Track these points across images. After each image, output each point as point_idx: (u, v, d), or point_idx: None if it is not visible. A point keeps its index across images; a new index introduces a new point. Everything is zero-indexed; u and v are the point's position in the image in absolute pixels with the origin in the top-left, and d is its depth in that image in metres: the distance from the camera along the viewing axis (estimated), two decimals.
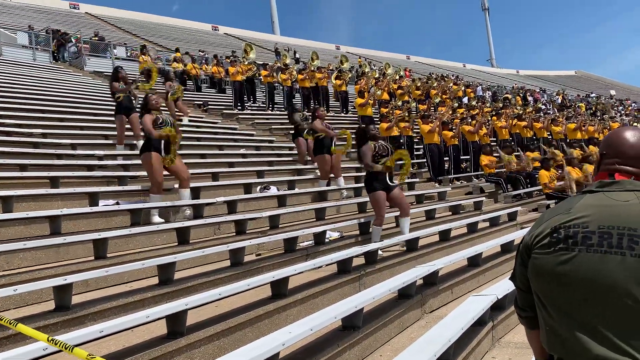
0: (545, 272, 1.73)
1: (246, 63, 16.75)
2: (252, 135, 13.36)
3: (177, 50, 23.29)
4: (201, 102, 16.26)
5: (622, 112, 28.30)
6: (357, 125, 10.27)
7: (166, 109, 12.42)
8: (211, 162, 9.72)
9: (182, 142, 10.49)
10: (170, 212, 6.78)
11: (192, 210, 6.80)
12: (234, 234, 6.51)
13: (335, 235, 7.09)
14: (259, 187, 8.61)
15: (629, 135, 1.82)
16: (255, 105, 17.24)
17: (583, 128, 16.38)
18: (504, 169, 11.78)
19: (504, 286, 4.87)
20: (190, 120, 13.07)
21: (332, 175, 9.15)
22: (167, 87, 12.73)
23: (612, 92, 41.45)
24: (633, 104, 35.15)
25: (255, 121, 14.89)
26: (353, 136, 7.71)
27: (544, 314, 1.76)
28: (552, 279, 1.70)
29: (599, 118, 21.43)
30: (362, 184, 7.76)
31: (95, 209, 6.20)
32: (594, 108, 26.42)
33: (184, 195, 6.75)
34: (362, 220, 7.28)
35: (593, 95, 39.05)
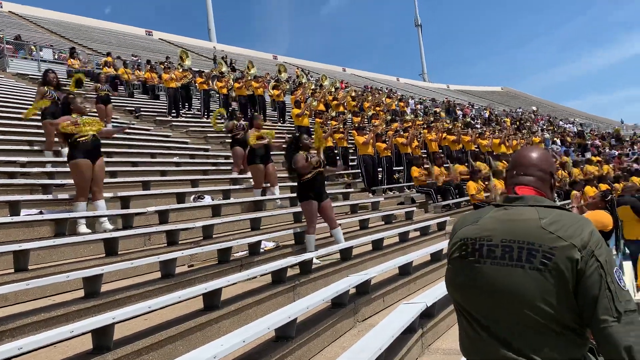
0: (458, 282, 1.86)
1: (181, 70, 16.45)
2: (186, 143, 13.11)
3: (108, 54, 22.50)
4: (133, 109, 15.78)
5: (544, 126, 30.01)
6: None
7: (95, 113, 12.03)
8: (143, 170, 9.45)
9: (112, 150, 10.23)
10: (97, 222, 6.52)
11: (118, 222, 6.56)
12: (166, 244, 6.34)
13: (271, 245, 7.07)
14: (192, 197, 8.44)
15: (527, 150, 2.03)
16: (190, 112, 16.93)
17: (507, 142, 17.27)
18: (434, 180, 12.19)
19: (433, 294, 5.05)
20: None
21: (268, 184, 9.14)
22: (93, 89, 12.40)
23: (534, 108, 43.85)
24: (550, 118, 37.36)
25: (190, 129, 14.63)
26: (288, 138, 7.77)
27: (462, 320, 1.89)
28: (465, 289, 1.83)
29: (523, 132, 22.62)
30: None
31: (16, 218, 5.86)
32: (517, 123, 27.85)
33: (100, 206, 6.42)
34: (298, 229, 7.30)
35: (519, 110, 41.19)
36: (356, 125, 13.76)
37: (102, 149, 6.67)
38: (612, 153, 23.38)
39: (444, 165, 13.31)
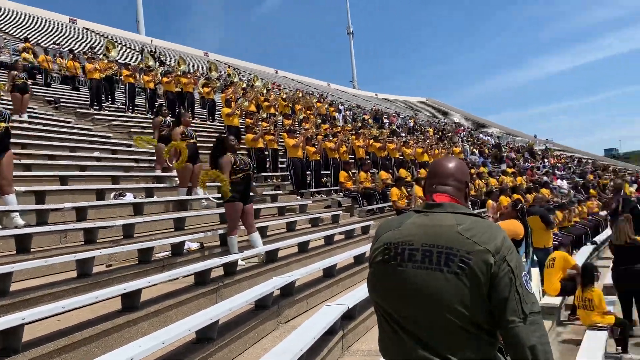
0: (379, 285, 1.93)
1: (106, 61, 15.77)
2: (108, 137, 12.58)
3: (26, 39, 21.16)
4: (52, 99, 14.95)
5: (464, 137, 31.41)
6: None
7: (9, 99, 11.32)
8: (60, 164, 8.98)
9: (27, 141, 9.64)
10: (6, 217, 6.12)
11: (32, 218, 6.20)
12: (83, 243, 6.07)
13: (195, 246, 6.94)
14: (113, 194, 8.12)
15: (444, 160, 2.14)
16: (113, 106, 16.27)
17: (430, 151, 17.95)
18: (361, 185, 12.46)
19: (355, 296, 5.17)
20: (37, 117, 11.99)
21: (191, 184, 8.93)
22: (9, 77, 11.63)
23: (456, 120, 45.88)
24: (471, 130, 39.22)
25: (113, 123, 14.05)
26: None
27: (382, 323, 1.95)
28: (386, 291, 1.90)
29: (445, 142, 23.57)
30: None
31: None
32: (440, 133, 29.00)
33: (9, 201, 6.03)
34: (224, 231, 7.23)
35: (442, 121, 42.89)
36: (287, 127, 13.79)
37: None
38: (525, 165, 24.87)
39: (370, 171, 13.63)
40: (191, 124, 9.83)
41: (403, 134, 22.90)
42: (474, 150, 25.46)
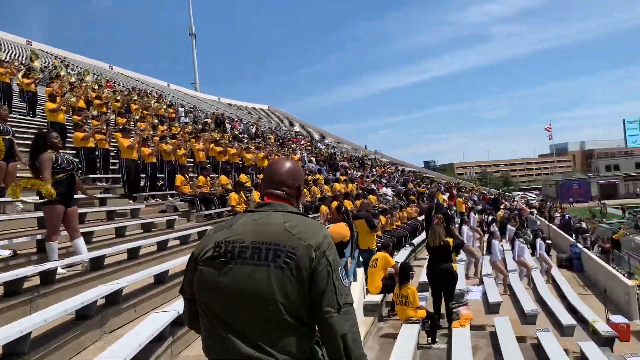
0: (207, 283, 1.96)
1: None
2: None
3: None
4: None
5: (303, 146, 32.57)
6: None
7: None
8: None
9: None
10: None
11: None
12: None
13: (6, 253, 6.23)
14: None
15: (275, 165, 2.25)
16: None
17: (270, 157, 18.31)
18: (198, 190, 12.25)
19: None
20: None
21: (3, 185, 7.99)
22: None
23: (296, 129, 47.34)
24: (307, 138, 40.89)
25: None
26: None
27: (205, 321, 1.98)
28: (213, 289, 1.94)
29: (285, 149, 24.22)
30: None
31: None
32: (281, 140, 29.74)
33: None
34: (42, 236, 6.59)
35: (283, 129, 43.95)
36: (121, 127, 13.02)
37: None
38: (356, 174, 26.62)
39: (210, 175, 13.48)
40: (7, 119, 8.80)
41: (245, 140, 23.02)
42: (312, 158, 26.55)
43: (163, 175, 12.93)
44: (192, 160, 15.08)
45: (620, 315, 10.27)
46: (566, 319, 9.44)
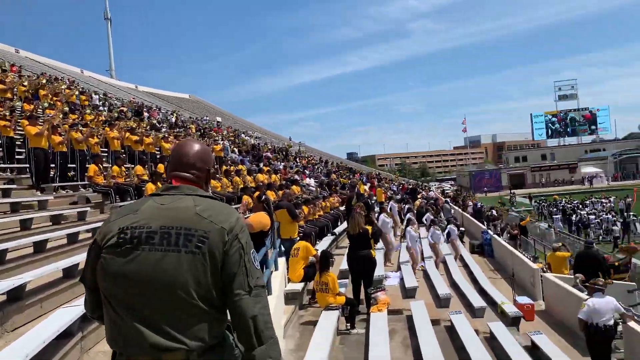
0: (112, 271, 1.86)
1: None
2: None
3: None
4: None
5: (225, 136, 32.03)
6: None
7: None
8: None
9: None
10: None
11: None
12: None
13: None
14: None
15: (183, 147, 2.16)
16: None
17: None
18: (113, 180, 11.73)
19: None
20: None
21: None
22: None
23: (219, 119, 46.50)
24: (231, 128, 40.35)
25: None
26: None
27: (109, 311, 1.88)
28: (119, 277, 1.84)
29: (207, 139, 23.70)
30: None
31: None
32: (202, 130, 29.06)
33: None
34: None
35: (205, 118, 42.97)
36: (28, 114, 12.16)
37: None
38: (279, 165, 26.58)
39: (124, 165, 12.94)
40: None
41: (163, 129, 22.27)
42: (235, 148, 26.19)
43: (74, 165, 12.24)
44: (106, 149, 14.39)
45: (526, 296, 10.99)
46: (477, 301, 9.99)
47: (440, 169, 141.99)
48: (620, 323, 7.80)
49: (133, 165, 13.59)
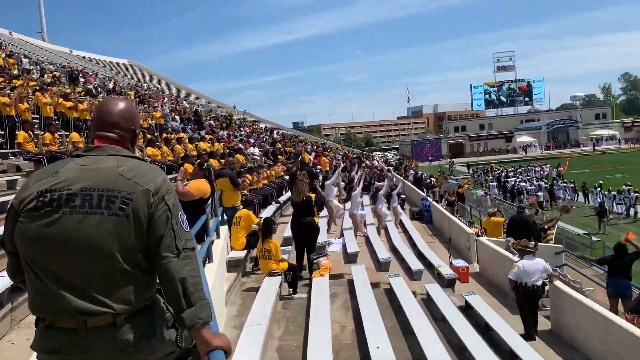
0: (31, 235, 1.79)
1: None
2: None
3: None
4: None
5: (166, 103, 31.11)
6: None
7: None
8: None
9: None
10: None
11: None
12: None
13: None
14: None
15: (107, 105, 2.07)
16: None
17: None
18: (45, 148, 11.20)
19: None
20: None
21: None
22: None
23: (159, 85, 44.98)
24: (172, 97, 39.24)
25: None
26: None
27: (30, 276, 1.82)
28: (39, 241, 1.78)
29: (145, 106, 22.93)
30: None
31: None
32: (141, 97, 28.07)
33: None
34: None
35: (144, 85, 41.48)
36: None
37: None
38: (223, 133, 26.15)
39: (58, 132, 12.36)
40: None
41: (101, 96, 21.34)
42: (176, 116, 25.51)
43: (2, 132, 11.60)
44: (37, 116, 13.67)
45: (462, 259, 11.49)
46: (415, 264, 10.35)
47: (384, 138, 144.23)
48: (547, 283, 8.31)
49: (68, 133, 13.02)
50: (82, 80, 27.13)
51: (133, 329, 1.82)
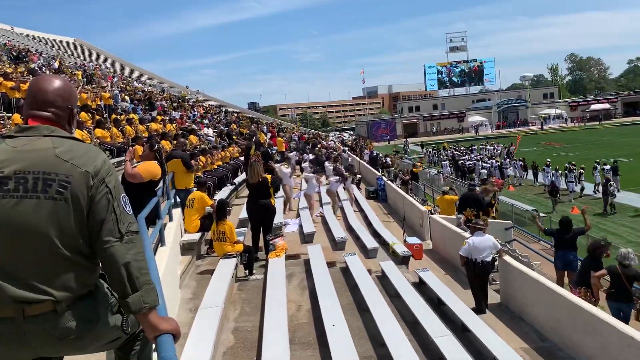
0: None
1: None
2: None
3: None
4: None
5: (116, 83, 30.15)
6: None
7: None
8: None
9: None
10: None
11: None
12: None
13: None
14: None
15: (40, 83, 1.95)
16: None
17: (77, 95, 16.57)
18: None
19: None
20: None
21: None
22: None
23: (108, 65, 43.44)
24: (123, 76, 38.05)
25: None
26: None
27: None
28: None
29: (93, 86, 22.12)
30: None
31: None
32: (89, 77, 27.06)
33: None
34: None
35: (91, 64, 39.96)
36: None
37: None
38: (176, 114, 25.58)
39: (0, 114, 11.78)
40: None
41: (47, 73, 20.43)
42: (126, 97, 24.74)
43: None
44: None
45: (415, 237, 11.72)
46: (370, 243, 10.49)
47: (340, 119, 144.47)
48: (497, 258, 8.59)
49: (10, 115, 12.42)
50: (25, 59, 25.90)
51: (75, 316, 1.76)
